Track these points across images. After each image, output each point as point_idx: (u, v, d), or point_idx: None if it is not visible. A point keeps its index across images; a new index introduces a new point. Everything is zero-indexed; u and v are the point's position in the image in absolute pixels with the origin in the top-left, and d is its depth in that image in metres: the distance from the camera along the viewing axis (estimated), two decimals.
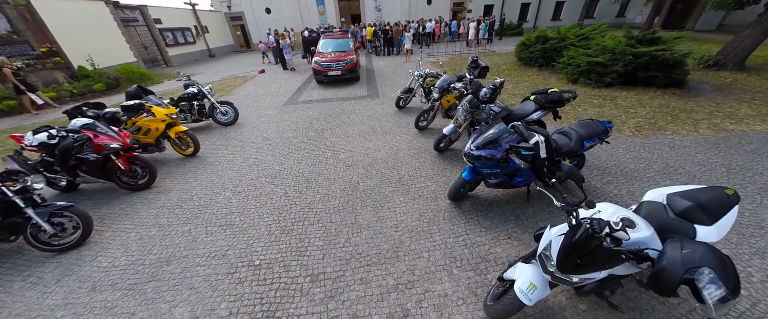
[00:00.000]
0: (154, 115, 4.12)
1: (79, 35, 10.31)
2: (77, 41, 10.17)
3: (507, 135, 2.40)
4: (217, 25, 19.92)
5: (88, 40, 10.57)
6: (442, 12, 20.49)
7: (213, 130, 5.64)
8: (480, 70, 5.46)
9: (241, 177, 3.81)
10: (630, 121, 4.89)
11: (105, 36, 11.42)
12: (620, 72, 6.42)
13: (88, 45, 10.50)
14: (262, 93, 8.30)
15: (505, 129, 2.45)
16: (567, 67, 7.37)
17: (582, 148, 2.62)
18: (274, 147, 4.65)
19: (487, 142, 2.43)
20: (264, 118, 6.14)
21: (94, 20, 11.03)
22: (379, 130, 5.08)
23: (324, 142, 4.72)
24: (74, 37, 10.16)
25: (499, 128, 2.47)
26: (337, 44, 9.24)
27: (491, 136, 2.45)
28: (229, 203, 3.28)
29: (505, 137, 2.39)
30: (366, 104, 6.63)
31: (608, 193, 3.05)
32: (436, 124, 5.10)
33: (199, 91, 5.53)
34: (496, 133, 2.44)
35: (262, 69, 11.99)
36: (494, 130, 2.49)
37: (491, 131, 2.49)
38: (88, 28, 10.69)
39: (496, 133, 2.45)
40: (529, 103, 3.53)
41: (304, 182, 3.59)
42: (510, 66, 9.67)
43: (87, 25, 10.67)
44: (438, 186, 3.31)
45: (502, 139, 2.40)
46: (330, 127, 5.34)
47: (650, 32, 6.43)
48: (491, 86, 3.46)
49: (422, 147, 4.31)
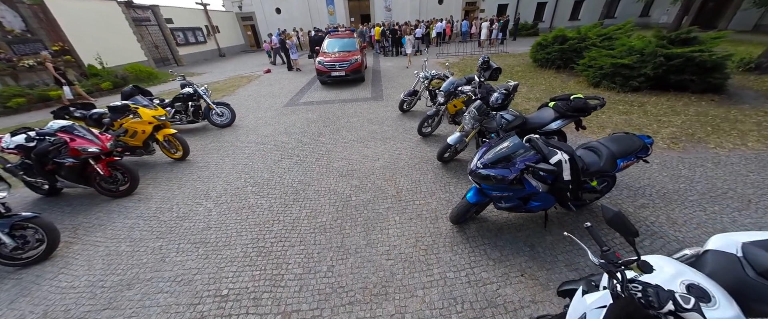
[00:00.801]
0: (141, 116, 3.90)
1: (90, 34, 10.46)
2: (89, 40, 10.32)
3: (522, 151, 1.98)
4: (228, 25, 20.10)
5: (100, 39, 10.72)
6: (453, 11, 19.94)
7: (208, 132, 5.43)
8: (492, 72, 4.99)
9: (226, 185, 3.53)
10: (663, 131, 4.33)
11: (116, 35, 11.58)
12: (649, 75, 5.80)
13: (100, 44, 10.64)
14: (264, 93, 8.10)
15: (519, 144, 2.03)
16: (588, 70, 6.78)
17: (615, 168, 2.17)
18: (267, 152, 4.37)
19: (497, 159, 2.02)
20: (262, 120, 5.89)
21: (106, 19, 11.18)
22: (380, 135, 4.71)
23: (319, 148, 4.40)
24: (86, 36, 10.31)
25: (513, 143, 2.05)
26: (341, 44, 8.94)
27: (503, 152, 2.03)
28: (208, 215, 2.99)
29: (520, 154, 1.97)
30: (368, 107, 6.28)
31: (643, 220, 2.56)
32: (441, 131, 4.69)
33: (195, 92, 5.33)
34: (509, 149, 2.03)
35: (268, 69, 11.86)
36: (506, 144, 2.07)
37: (503, 146, 2.08)
38: (100, 28, 10.84)
39: (509, 148, 2.03)
40: (548, 111, 3.08)
41: (292, 193, 3.26)
42: (524, 68, 9.10)
43: (99, 25, 10.82)
44: (439, 204, 2.91)
45: (516, 156, 1.98)
46: (328, 132, 5.02)
47: (685, 31, 5.78)
48: (503, 91, 3.03)
49: (424, 156, 3.92)
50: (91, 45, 10.28)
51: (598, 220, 2.56)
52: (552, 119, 2.99)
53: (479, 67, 5.12)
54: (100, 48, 10.52)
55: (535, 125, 3.05)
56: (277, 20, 20.71)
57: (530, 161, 1.92)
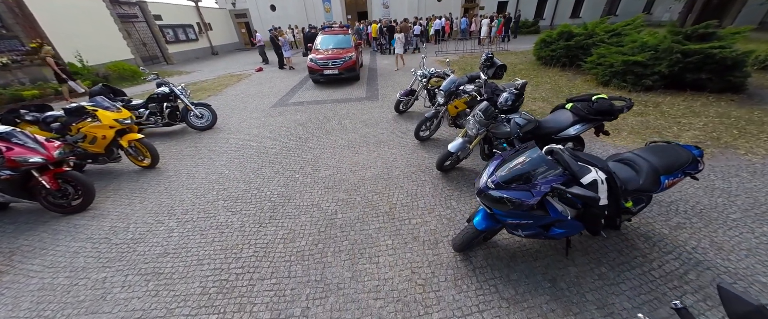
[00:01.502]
0: (100, 120, 3.44)
1: (72, 31, 9.93)
2: (70, 37, 9.78)
3: (545, 169, 1.55)
4: (222, 22, 19.55)
5: (82, 35, 10.19)
6: (452, 9, 19.49)
7: (185, 135, 4.97)
8: (496, 70, 4.56)
9: (195, 199, 3.08)
10: (684, 135, 3.92)
11: (100, 32, 11.04)
12: (664, 73, 5.40)
13: (82, 41, 10.11)
14: (252, 93, 7.63)
15: (541, 158, 1.60)
16: (597, 68, 6.37)
17: (658, 186, 1.74)
18: (246, 159, 3.92)
19: (513, 177, 1.59)
20: (246, 122, 5.43)
21: (89, 15, 10.65)
22: (373, 139, 4.27)
23: (305, 154, 3.95)
24: (67, 33, 9.77)
25: (533, 156, 1.62)
26: (335, 41, 8.48)
27: (520, 169, 1.60)
28: (168, 237, 2.55)
29: (542, 172, 1.54)
30: (362, 107, 5.84)
31: (683, 246, 2.14)
32: (440, 134, 4.26)
33: (171, 92, 4.87)
34: (528, 164, 1.60)
35: (260, 67, 11.38)
36: (524, 157, 1.64)
37: (519, 160, 1.65)
38: (82, 24, 10.31)
39: (528, 163, 1.60)
40: (565, 114, 2.65)
41: (269, 209, 2.82)
42: (527, 66, 8.69)
43: (80, 21, 10.29)
44: (440, 223, 2.48)
45: (537, 173, 1.55)
46: (316, 135, 4.57)
47: (703, 26, 5.37)
48: (513, 90, 2.60)
49: (422, 164, 3.48)
50: (72, 42, 9.75)
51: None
52: (570, 123, 2.57)
53: (482, 64, 4.68)
54: (81, 45, 9.99)
55: (550, 130, 2.62)
56: (271, 17, 20.17)
57: (557, 182, 1.49)
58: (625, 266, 1.99)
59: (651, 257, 2.05)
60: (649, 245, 2.17)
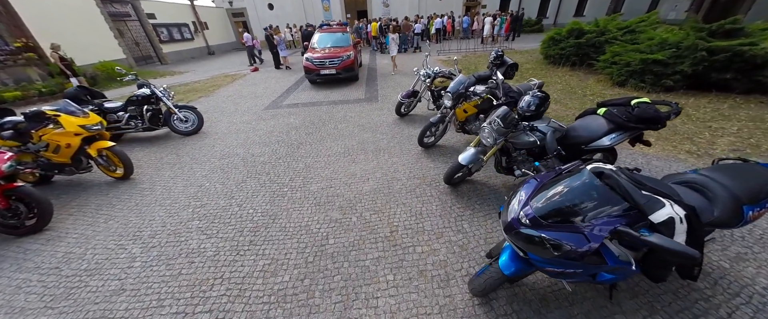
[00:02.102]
0: (63, 126, 3.05)
1: (58, 29, 9.52)
2: (57, 36, 9.35)
3: (600, 201, 1.14)
4: (218, 21, 19.16)
5: (70, 34, 9.79)
6: (454, 7, 19.09)
7: (168, 141, 4.57)
8: (507, 69, 4.18)
9: (167, 218, 2.68)
10: (719, 142, 3.52)
11: (90, 31, 10.65)
12: (687, 73, 4.99)
13: (70, 40, 9.70)
14: (245, 94, 7.24)
15: (593, 186, 1.19)
16: (611, 67, 5.96)
17: (740, 219, 1.34)
18: (231, 169, 3.52)
19: (555, 212, 1.19)
20: (235, 126, 5.04)
21: (77, 14, 10.25)
22: (372, 146, 3.87)
23: (296, 163, 3.55)
24: (53, 32, 9.36)
25: (582, 184, 1.22)
26: (333, 39, 8.08)
27: (565, 200, 1.20)
28: (128, 268, 2.15)
29: (596, 206, 1.14)
30: (361, 110, 5.44)
31: (750, 286, 1.74)
32: (446, 140, 3.86)
33: (152, 94, 4.47)
34: (576, 195, 1.19)
35: (256, 67, 10.99)
36: (570, 185, 1.24)
37: (562, 187, 1.24)
38: (70, 22, 9.92)
39: (576, 193, 1.20)
40: (597, 120, 2.25)
41: (250, 232, 2.42)
42: (535, 65, 8.28)
43: (68, 19, 9.90)
44: (450, 252, 2.08)
45: (588, 208, 1.15)
46: (310, 141, 4.17)
47: (730, 21, 4.97)
48: (537, 93, 2.19)
49: (427, 175, 3.08)
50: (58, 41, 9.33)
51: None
52: (604, 132, 2.16)
53: (491, 62, 4.30)
54: (69, 44, 9.57)
55: (580, 140, 2.22)
56: (269, 16, 19.78)
57: (620, 222, 1.09)
58: (686, 315, 1.59)
59: (716, 302, 1.65)
60: (708, 282, 1.77)
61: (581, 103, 5.11)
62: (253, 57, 11.84)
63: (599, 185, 1.21)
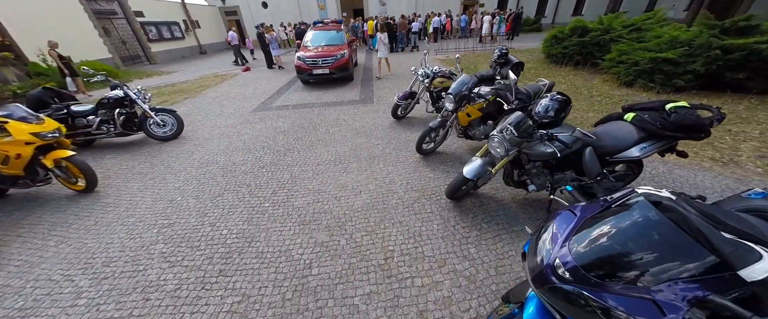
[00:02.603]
0: (12, 134, 2.67)
1: (38, 27, 9.06)
2: (35, 34, 8.91)
3: (668, 253, 0.82)
4: (211, 20, 18.69)
5: (50, 32, 9.29)
6: (451, 5, 18.80)
7: (145, 147, 4.20)
8: (511, 68, 3.87)
9: (128, 241, 2.32)
10: (743, 147, 3.24)
11: (73, 29, 10.16)
12: (699, 72, 4.72)
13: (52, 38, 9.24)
14: (234, 95, 6.86)
15: (653, 222, 0.87)
16: (618, 66, 5.69)
17: None
18: (208, 180, 3.16)
19: (603, 260, 0.86)
20: (219, 130, 4.67)
21: (58, 11, 9.77)
22: (366, 153, 3.53)
23: (281, 172, 3.20)
24: (32, 30, 8.92)
25: (641, 219, 0.89)
26: (327, 37, 7.72)
27: (619, 244, 0.87)
28: (70, 307, 1.79)
29: (662, 262, 0.81)
30: (355, 112, 5.09)
31: None
32: (447, 146, 3.54)
33: (126, 96, 4.09)
34: (633, 235, 0.87)
35: (247, 67, 10.59)
36: (622, 222, 0.91)
37: (608, 227, 0.91)
38: (50, 20, 9.44)
39: (633, 232, 0.87)
40: (624, 128, 1.94)
41: (221, 259, 2.07)
42: (536, 64, 7.99)
43: (49, 16, 9.42)
44: (455, 285, 1.76)
45: (649, 260, 0.82)
46: (298, 147, 3.82)
47: (744, 18, 4.71)
48: (556, 97, 1.86)
49: (427, 187, 2.75)
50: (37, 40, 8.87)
51: None
52: (634, 141, 1.85)
53: (494, 61, 3.99)
54: None
55: (605, 149, 1.90)
56: (263, 15, 19.35)
57: (702, 288, 0.77)
58: None
59: None
60: None
61: (588, 104, 4.82)
62: (240, 57, 11.32)
63: (662, 221, 0.88)
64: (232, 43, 11.13)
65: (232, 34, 11.12)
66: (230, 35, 11.11)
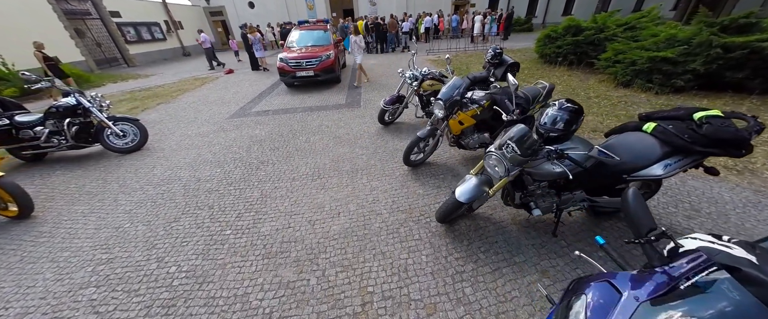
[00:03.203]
0: None
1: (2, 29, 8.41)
2: None
3: None
4: (195, 20, 18.00)
5: (13, 34, 8.67)
6: (442, 5, 18.60)
7: (101, 161, 3.74)
8: (506, 69, 3.58)
9: (53, 284, 1.91)
10: (755, 153, 3.00)
11: (39, 30, 9.47)
12: (699, 72, 4.53)
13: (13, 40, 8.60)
14: (212, 100, 6.41)
15: (743, 306, 0.55)
16: (614, 66, 5.48)
17: None
18: (166, 201, 2.75)
19: None
20: (189, 139, 4.24)
21: (23, 10, 9.11)
22: (348, 165, 3.17)
23: (251, 190, 2.82)
24: None
25: (730, 306, 0.57)
26: (312, 37, 7.34)
27: None
28: None
29: None
30: (340, 118, 4.73)
31: None
32: (439, 156, 3.21)
33: (78, 104, 3.64)
34: None
35: (230, 69, 10.10)
36: (703, 312, 0.58)
37: (675, 307, 0.59)
38: (13, 20, 8.79)
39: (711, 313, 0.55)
40: (644, 140, 1.64)
41: (161, 308, 1.69)
42: (530, 64, 7.77)
43: (11, 17, 8.77)
44: None
45: None
46: (274, 159, 3.44)
47: (744, 15, 4.54)
48: (566, 105, 1.53)
49: (415, 207, 2.41)
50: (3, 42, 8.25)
51: None
52: (657, 157, 1.55)
53: (488, 61, 3.69)
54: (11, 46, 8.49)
55: (622, 167, 1.60)
56: (249, 15, 18.79)
57: None
58: None
59: None
60: None
61: (586, 106, 4.57)
62: (214, 60, 10.58)
63: (758, 305, 0.57)
64: (204, 45, 10.29)
65: (203, 36, 10.24)
66: (202, 37, 10.23)
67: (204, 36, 10.29)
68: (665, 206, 2.28)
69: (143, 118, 5.42)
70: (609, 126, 3.77)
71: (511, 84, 2.14)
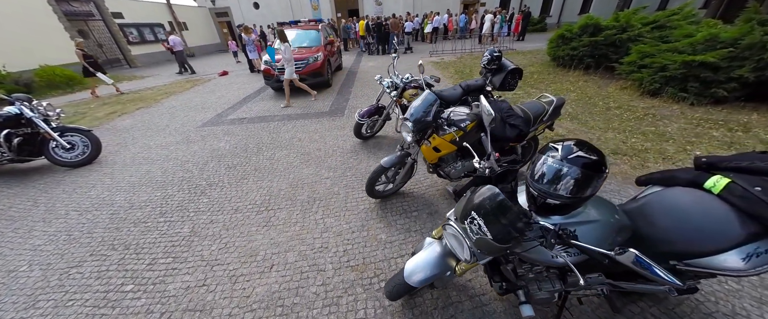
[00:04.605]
0: None
1: None
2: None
3: None
4: (200, 21, 18.04)
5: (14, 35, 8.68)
6: (451, 5, 17.86)
7: (45, 176, 3.36)
8: (506, 76, 2.95)
9: None
10: None
11: (38, 31, 9.47)
12: (747, 80, 3.73)
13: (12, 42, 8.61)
14: (194, 104, 6.03)
15: None
16: (640, 71, 4.70)
17: None
18: (82, 235, 2.29)
19: None
20: (148, 151, 3.82)
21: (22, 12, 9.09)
22: (306, 193, 2.62)
23: (182, 225, 2.32)
24: None
25: None
26: (300, 38, 6.85)
27: None
28: None
29: None
30: (316, 129, 4.20)
31: None
32: (416, 183, 2.62)
33: (21, 114, 3.27)
34: None
35: (224, 71, 9.80)
36: None
37: None
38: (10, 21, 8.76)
39: None
40: (703, 203, 1.00)
41: None
42: (540, 68, 7.02)
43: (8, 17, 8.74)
44: None
45: None
46: (226, 181, 2.94)
47: None
48: (580, 159, 0.90)
49: (370, 264, 1.83)
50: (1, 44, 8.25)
51: None
52: (736, 240, 0.92)
53: (484, 66, 3.07)
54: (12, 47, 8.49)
55: (671, 248, 0.97)
56: (254, 16, 18.68)
57: None
58: None
59: None
60: None
61: (605, 119, 3.86)
62: (186, 65, 10.01)
63: None
64: (175, 49, 9.51)
65: (173, 39, 9.47)
66: (172, 40, 9.46)
67: (173, 39, 9.55)
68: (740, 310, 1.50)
69: (116, 124, 5.11)
70: (634, 147, 3.07)
71: (485, 114, 1.44)
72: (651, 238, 1.04)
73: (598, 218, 0.96)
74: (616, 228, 0.98)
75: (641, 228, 1.07)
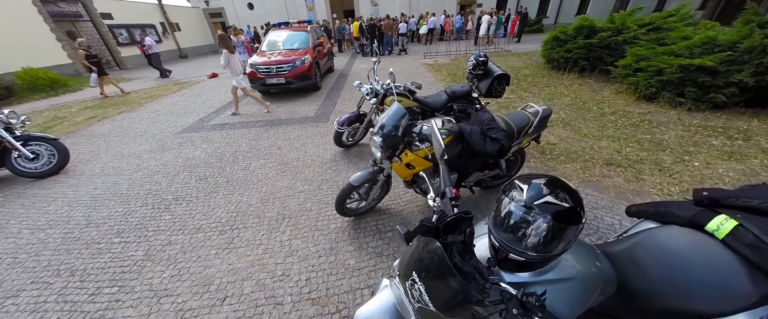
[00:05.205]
0: None
1: None
2: None
3: None
4: (193, 22, 17.81)
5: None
6: (447, 6, 17.71)
7: (8, 187, 3.16)
8: (492, 82, 2.78)
9: None
10: None
11: (21, 33, 9.23)
12: (747, 85, 3.57)
13: None
14: (177, 109, 5.84)
15: None
16: (635, 75, 4.54)
17: None
18: (29, 257, 2.10)
19: None
20: (119, 161, 3.62)
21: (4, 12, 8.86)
22: (276, 210, 2.43)
23: (137, 246, 2.13)
24: None
25: None
26: (288, 40, 6.66)
27: None
28: None
29: None
30: (299, 135, 4.02)
31: None
32: (394, 198, 2.44)
33: None
34: None
35: (214, 73, 9.60)
36: None
37: None
38: None
39: None
40: (706, 250, 0.83)
41: None
42: (534, 70, 6.86)
43: None
44: None
45: None
46: (194, 194, 2.75)
47: None
48: (551, 207, 0.68)
49: (333, 294, 1.65)
50: None
51: None
52: (748, 299, 0.74)
53: (470, 71, 2.90)
54: None
55: (665, 305, 0.80)
56: (249, 16, 18.47)
57: None
58: None
59: None
60: None
61: (599, 126, 3.69)
62: (164, 69, 9.70)
63: None
64: (151, 50, 9.09)
65: (148, 41, 9.03)
66: (147, 42, 9.05)
67: (149, 40, 9.19)
68: None
69: (94, 130, 4.91)
70: (628, 157, 2.90)
71: (436, 144, 1.13)
72: (641, 291, 0.86)
73: (574, 273, 0.78)
74: (597, 283, 0.80)
75: (630, 277, 0.89)
